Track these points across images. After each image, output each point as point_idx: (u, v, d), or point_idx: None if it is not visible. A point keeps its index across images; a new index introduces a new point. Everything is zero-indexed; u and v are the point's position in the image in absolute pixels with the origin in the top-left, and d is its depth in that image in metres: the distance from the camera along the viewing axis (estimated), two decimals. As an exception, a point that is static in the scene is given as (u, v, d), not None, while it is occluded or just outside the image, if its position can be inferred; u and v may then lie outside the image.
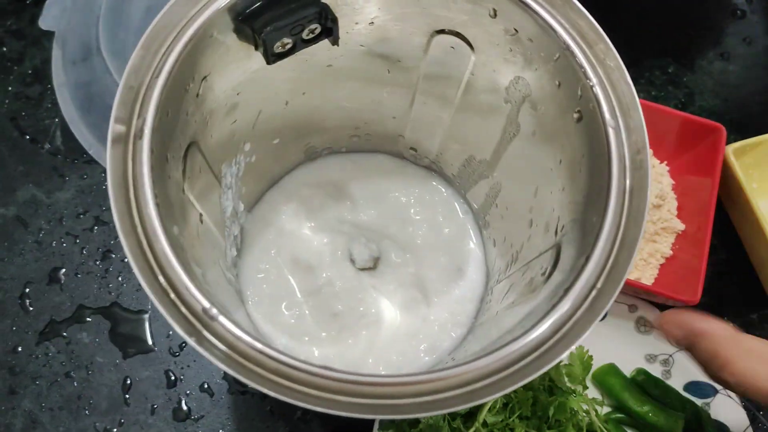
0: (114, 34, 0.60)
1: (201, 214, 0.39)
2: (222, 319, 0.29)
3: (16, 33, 0.66)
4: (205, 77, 0.36)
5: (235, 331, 0.29)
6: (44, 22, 0.61)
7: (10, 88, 0.64)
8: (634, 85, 0.34)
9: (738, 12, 0.71)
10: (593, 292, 0.31)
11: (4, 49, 0.65)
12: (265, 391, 0.28)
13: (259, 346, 0.28)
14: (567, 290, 0.31)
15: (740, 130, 0.64)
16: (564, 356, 0.30)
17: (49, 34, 0.63)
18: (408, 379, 0.29)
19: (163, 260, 0.29)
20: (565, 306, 0.30)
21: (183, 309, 0.29)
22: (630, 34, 0.67)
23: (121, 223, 0.29)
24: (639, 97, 0.34)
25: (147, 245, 0.30)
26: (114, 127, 0.31)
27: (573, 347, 0.29)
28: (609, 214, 0.32)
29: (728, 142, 0.58)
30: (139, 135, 0.31)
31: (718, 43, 0.70)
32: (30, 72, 0.64)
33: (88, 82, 0.60)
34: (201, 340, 0.29)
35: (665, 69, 0.68)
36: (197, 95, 0.36)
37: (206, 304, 0.29)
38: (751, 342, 0.43)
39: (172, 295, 0.29)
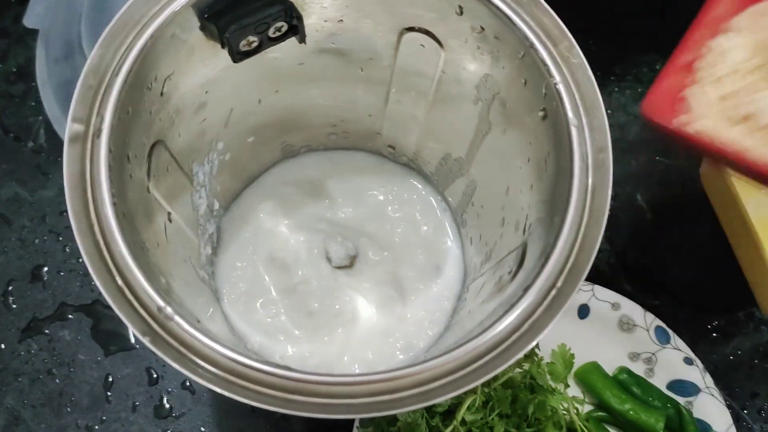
0: (96, 32, 0.60)
1: (169, 213, 0.39)
2: (177, 318, 0.29)
3: (0, 31, 0.66)
4: (168, 76, 0.36)
5: (191, 330, 0.29)
6: (28, 21, 0.61)
7: (-6, 86, 0.64)
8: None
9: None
10: (553, 291, 0.31)
11: (-11, 47, 0.65)
12: (217, 389, 0.28)
13: (214, 345, 0.28)
14: (527, 289, 0.31)
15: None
16: (520, 355, 0.30)
17: (33, 33, 0.63)
18: (360, 378, 0.29)
19: (119, 260, 0.30)
20: (523, 305, 0.30)
21: (139, 308, 0.29)
22: (617, 30, 0.67)
23: (77, 223, 0.30)
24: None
25: (104, 245, 0.30)
26: (72, 126, 0.31)
27: (530, 346, 0.29)
28: (570, 213, 0.32)
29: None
30: (97, 134, 0.31)
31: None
32: (14, 70, 0.65)
33: (71, 80, 0.60)
34: (156, 339, 0.29)
35: (652, 66, 0.67)
36: (161, 93, 0.36)
37: (161, 303, 0.29)
38: None
39: (129, 295, 0.29)
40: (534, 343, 0.29)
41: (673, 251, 0.61)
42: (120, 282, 0.29)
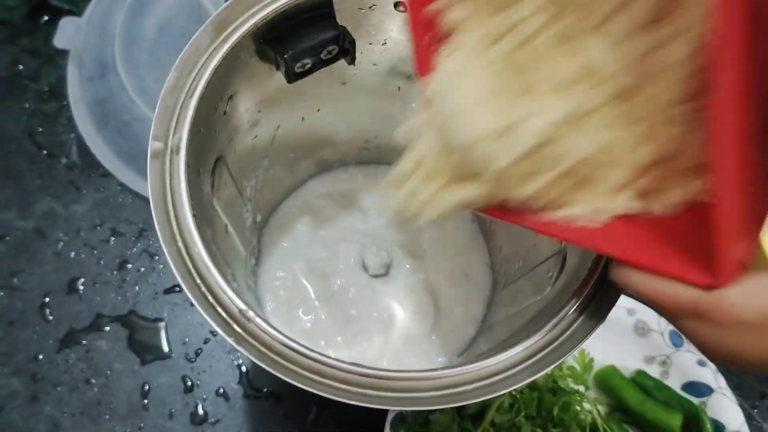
0: (129, 53, 0.62)
1: (226, 225, 0.41)
2: (258, 320, 0.31)
3: (31, 52, 0.68)
4: (231, 96, 0.38)
5: (271, 331, 0.31)
6: (59, 41, 0.64)
7: (27, 105, 0.66)
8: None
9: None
10: (599, 294, 0.33)
11: (21, 67, 0.67)
12: (299, 385, 0.30)
13: (293, 344, 0.31)
14: (576, 292, 0.33)
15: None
16: (575, 351, 0.32)
17: (64, 53, 0.66)
18: (429, 374, 0.31)
19: (201, 266, 0.32)
20: (573, 306, 0.33)
21: (221, 311, 0.31)
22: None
23: (162, 233, 0.32)
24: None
25: (186, 252, 0.32)
26: (153, 144, 0.33)
27: (582, 344, 0.32)
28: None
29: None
30: (176, 150, 0.33)
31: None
32: (46, 89, 0.67)
33: (105, 98, 0.62)
34: (239, 340, 0.31)
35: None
36: (224, 113, 0.38)
37: (242, 306, 0.31)
38: None
39: (210, 299, 0.31)
40: (587, 339, 0.32)
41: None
42: (202, 287, 0.32)
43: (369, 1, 0.40)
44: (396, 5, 0.40)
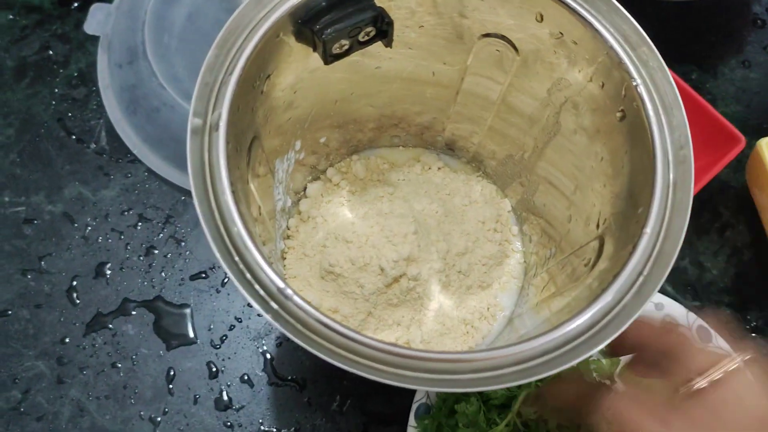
0: (158, 39, 0.62)
1: (259, 207, 0.41)
2: (296, 298, 0.31)
3: (61, 37, 0.68)
4: (269, 75, 0.38)
5: (308, 309, 0.31)
6: (89, 27, 0.64)
7: (56, 90, 0.66)
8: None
9: (758, 21, 0.73)
10: (640, 279, 0.33)
11: (51, 52, 0.67)
12: (335, 363, 0.30)
13: (330, 323, 0.30)
14: (616, 276, 0.33)
15: (762, 135, 0.66)
16: (613, 338, 0.32)
17: (94, 39, 0.66)
18: (467, 356, 0.31)
19: (239, 243, 0.32)
20: (613, 290, 0.32)
21: (258, 288, 0.31)
22: (654, 40, 0.69)
23: (201, 208, 0.32)
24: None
25: (224, 229, 0.32)
26: (192, 120, 0.33)
27: (622, 329, 0.31)
28: (654, 205, 0.34)
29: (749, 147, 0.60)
30: (215, 127, 0.33)
31: (740, 51, 0.72)
32: (76, 75, 0.67)
33: (134, 84, 0.62)
34: (277, 316, 0.31)
35: (689, 75, 0.70)
36: (262, 92, 0.38)
37: (281, 284, 0.31)
38: None
39: (249, 276, 0.31)
40: (628, 324, 0.31)
41: (712, 255, 0.64)
42: (241, 265, 0.31)
43: (407, -17, 0.39)
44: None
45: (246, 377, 0.58)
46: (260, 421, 0.56)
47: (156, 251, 0.61)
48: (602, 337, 0.32)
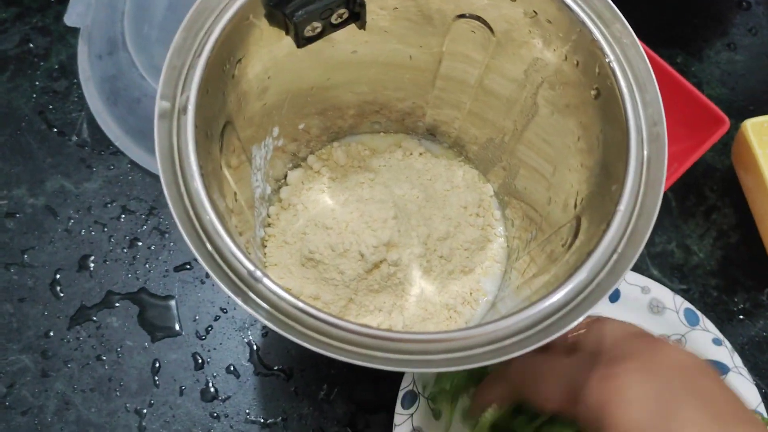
0: (138, 29, 0.62)
1: (235, 193, 0.41)
2: (266, 280, 0.30)
3: (41, 30, 0.68)
4: (240, 59, 0.38)
5: (279, 291, 0.30)
6: (69, 19, 0.63)
7: (37, 83, 0.66)
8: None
9: (743, 3, 0.73)
10: (614, 256, 0.33)
11: (31, 45, 0.67)
12: (306, 345, 0.30)
13: (300, 304, 0.30)
14: (590, 253, 0.32)
15: (747, 117, 0.66)
16: (587, 314, 0.31)
17: (74, 31, 0.65)
18: (438, 336, 0.31)
19: (209, 228, 0.31)
20: (587, 268, 0.32)
21: (229, 272, 0.31)
22: (639, 23, 0.69)
23: (170, 192, 0.31)
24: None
25: (193, 214, 0.32)
26: (160, 104, 0.33)
27: (597, 304, 0.31)
28: (628, 183, 0.33)
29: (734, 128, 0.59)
30: (183, 110, 0.33)
31: (725, 34, 0.71)
32: (56, 67, 0.66)
33: (114, 75, 0.62)
34: (246, 299, 0.30)
35: (674, 59, 0.70)
36: (233, 76, 0.38)
37: (251, 267, 0.31)
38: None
39: (218, 259, 0.31)
40: (603, 300, 0.31)
41: (698, 238, 0.63)
42: (210, 248, 0.31)
43: (379, -36, 0.39)
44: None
45: (232, 368, 0.57)
46: (247, 411, 0.56)
47: (140, 243, 0.61)
48: (575, 315, 0.31)
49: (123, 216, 0.61)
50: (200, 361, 0.57)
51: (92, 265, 0.60)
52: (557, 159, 0.43)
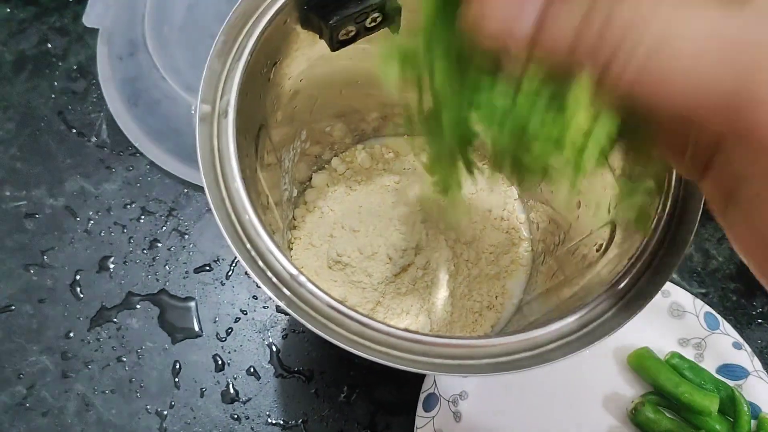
0: (159, 31, 0.62)
1: (268, 196, 0.41)
2: (309, 285, 0.30)
3: (60, 30, 0.68)
4: (275, 62, 0.38)
5: (322, 295, 0.30)
6: (88, 20, 0.63)
7: (56, 84, 0.65)
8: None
9: None
10: (655, 261, 0.33)
11: (49, 45, 0.67)
12: (349, 350, 0.30)
13: (344, 309, 0.30)
14: (630, 259, 0.32)
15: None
16: (630, 320, 0.31)
17: (92, 31, 0.65)
18: (483, 342, 0.31)
19: (250, 230, 0.31)
20: (629, 274, 0.32)
21: (270, 275, 0.31)
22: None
23: (212, 195, 0.31)
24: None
25: (235, 216, 0.31)
26: (201, 107, 0.33)
27: (641, 310, 0.31)
28: (672, 187, 0.33)
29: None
30: (224, 114, 0.33)
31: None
32: (75, 68, 0.66)
33: (135, 77, 0.62)
34: (290, 303, 0.30)
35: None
36: (269, 80, 0.38)
37: (294, 271, 0.31)
38: None
39: (260, 263, 0.31)
40: (646, 305, 0.31)
41: (717, 242, 0.63)
42: (253, 252, 0.31)
43: (413, -32, 0.39)
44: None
45: (252, 369, 0.57)
46: (267, 413, 0.56)
47: (159, 244, 0.61)
48: (617, 322, 0.31)
49: (142, 217, 0.61)
50: (221, 362, 0.57)
51: (112, 266, 0.60)
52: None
